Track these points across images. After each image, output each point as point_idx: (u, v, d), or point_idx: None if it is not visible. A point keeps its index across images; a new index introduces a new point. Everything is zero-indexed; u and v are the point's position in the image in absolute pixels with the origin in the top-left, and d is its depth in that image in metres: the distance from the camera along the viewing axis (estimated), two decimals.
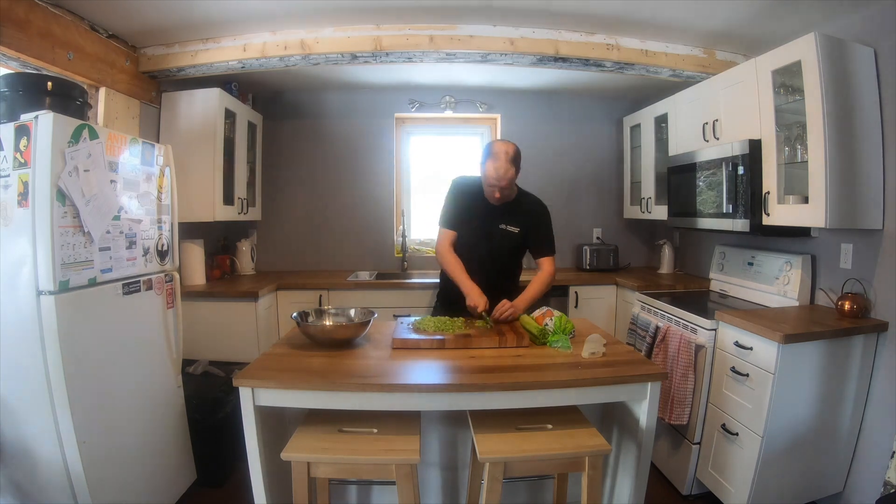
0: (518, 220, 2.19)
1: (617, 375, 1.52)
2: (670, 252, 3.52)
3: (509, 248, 2.22)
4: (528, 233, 2.21)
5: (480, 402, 1.49)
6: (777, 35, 2.40)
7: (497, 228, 2.18)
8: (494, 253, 2.21)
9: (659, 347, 2.41)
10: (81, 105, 1.93)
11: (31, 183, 1.55)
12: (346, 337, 1.80)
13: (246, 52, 2.66)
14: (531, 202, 2.25)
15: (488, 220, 2.19)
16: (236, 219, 3.22)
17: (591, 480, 1.42)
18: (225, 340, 2.81)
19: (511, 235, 2.19)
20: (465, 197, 2.23)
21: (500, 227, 2.18)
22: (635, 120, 3.59)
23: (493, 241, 2.19)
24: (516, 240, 2.21)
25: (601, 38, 2.67)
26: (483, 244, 2.20)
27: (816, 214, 1.98)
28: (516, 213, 2.19)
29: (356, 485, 1.89)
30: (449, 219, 2.25)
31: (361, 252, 3.76)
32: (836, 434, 2.04)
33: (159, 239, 2.11)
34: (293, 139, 3.74)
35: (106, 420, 1.77)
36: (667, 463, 2.43)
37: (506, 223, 2.18)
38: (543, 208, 2.26)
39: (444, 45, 2.59)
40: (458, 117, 3.84)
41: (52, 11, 2.09)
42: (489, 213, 2.18)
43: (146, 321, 2.03)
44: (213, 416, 2.27)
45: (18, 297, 1.57)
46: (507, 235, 2.19)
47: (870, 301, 2.06)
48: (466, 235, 2.23)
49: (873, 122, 2.02)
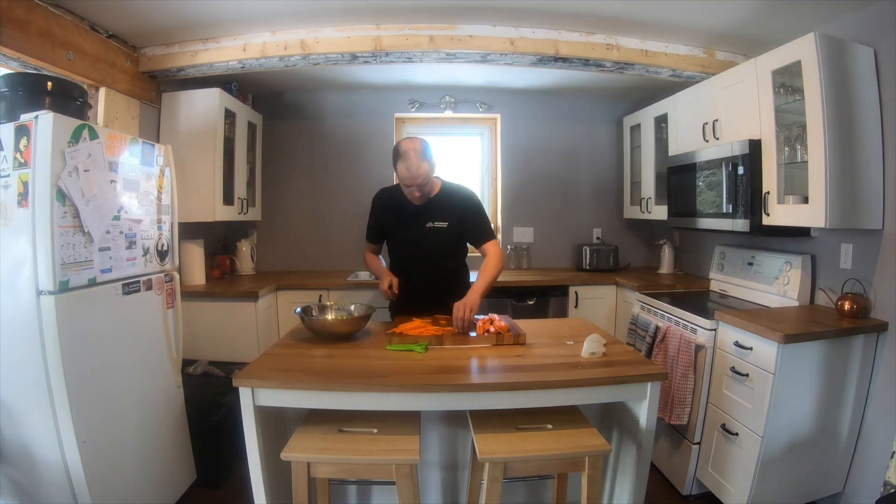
0: (444, 213, 2.13)
1: (617, 375, 1.52)
2: (670, 252, 3.52)
3: (443, 243, 2.16)
4: (459, 224, 2.14)
5: (480, 402, 1.49)
6: (777, 35, 2.40)
7: (425, 228, 2.13)
8: (431, 253, 2.15)
9: (659, 347, 2.40)
10: (81, 105, 1.93)
11: (31, 183, 1.54)
12: (348, 331, 1.86)
13: (246, 52, 2.66)
14: (454, 193, 2.18)
15: (416, 222, 2.14)
16: (236, 219, 3.22)
17: (591, 480, 1.42)
18: (225, 340, 2.81)
19: (441, 231, 2.13)
20: (387, 206, 2.22)
21: (428, 226, 2.13)
22: (635, 120, 3.59)
23: (425, 242, 2.14)
24: (448, 234, 2.14)
25: (601, 38, 2.67)
26: (417, 246, 2.16)
27: (816, 214, 1.98)
28: (441, 208, 2.13)
29: (356, 485, 1.90)
30: (371, 231, 2.29)
31: (361, 252, 3.74)
32: (836, 434, 2.03)
33: (159, 239, 2.11)
34: (293, 139, 3.74)
35: (106, 420, 1.77)
36: (667, 463, 2.42)
37: (432, 220, 2.13)
38: (469, 195, 2.20)
39: (444, 45, 2.59)
40: (458, 117, 3.84)
41: (52, 11, 2.09)
42: (415, 214, 2.13)
43: (146, 321, 2.02)
44: (212, 416, 2.27)
45: (18, 297, 1.57)
46: (437, 232, 2.13)
47: (870, 301, 2.06)
48: (401, 242, 2.23)
49: (873, 122, 2.02)
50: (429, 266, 2.17)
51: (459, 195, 2.18)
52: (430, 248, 2.15)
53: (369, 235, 2.31)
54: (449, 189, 2.19)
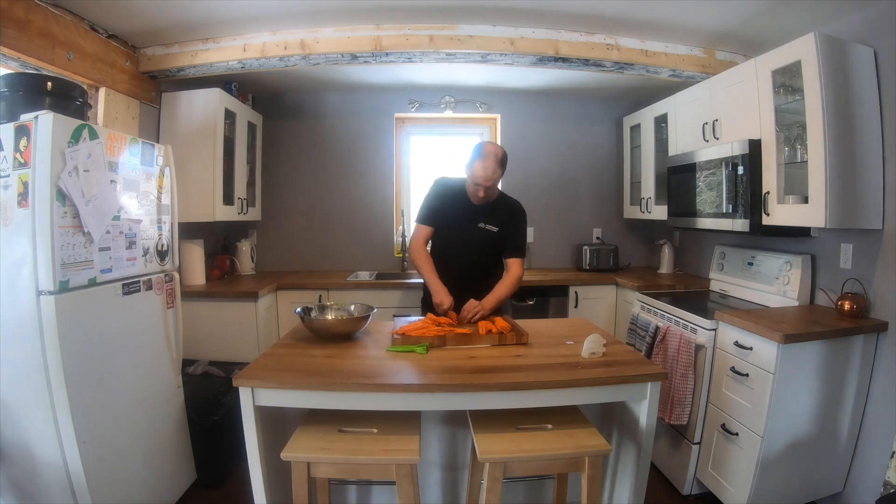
0: (497, 220, 2.25)
1: (617, 375, 1.52)
2: (670, 252, 3.52)
3: (488, 246, 2.27)
4: (505, 233, 2.26)
5: (480, 402, 1.49)
6: (777, 35, 2.40)
7: (476, 227, 2.24)
8: (473, 251, 2.26)
9: (659, 347, 2.41)
10: (81, 105, 1.92)
11: (31, 183, 1.54)
12: (348, 331, 1.87)
13: (246, 53, 2.66)
14: (512, 204, 2.33)
15: (469, 220, 2.24)
16: (236, 219, 3.22)
17: (591, 480, 1.42)
18: (225, 340, 2.81)
19: (490, 234, 2.24)
20: (447, 196, 2.28)
21: (480, 226, 2.24)
22: (635, 120, 3.59)
23: (472, 240, 2.25)
24: (494, 239, 2.25)
25: (601, 38, 2.67)
26: (462, 242, 2.26)
27: (816, 214, 1.98)
28: (496, 214, 2.25)
29: (356, 485, 1.89)
30: (427, 215, 2.30)
31: (361, 252, 3.75)
32: (836, 434, 2.04)
33: (159, 239, 2.11)
34: (293, 139, 3.73)
35: (106, 420, 1.77)
36: (667, 463, 2.43)
37: (485, 222, 2.24)
38: (522, 212, 2.34)
39: (444, 45, 2.59)
40: (458, 117, 3.84)
41: (51, 11, 2.09)
42: (470, 212, 2.24)
43: (146, 321, 2.02)
44: (212, 416, 2.27)
45: (18, 297, 1.57)
46: (485, 234, 2.24)
47: (869, 301, 2.06)
48: (447, 233, 2.29)
49: (873, 123, 2.02)
50: (468, 263, 2.26)
51: (513, 207, 2.32)
52: (475, 247, 2.25)
53: (425, 218, 2.31)
54: (506, 199, 2.33)
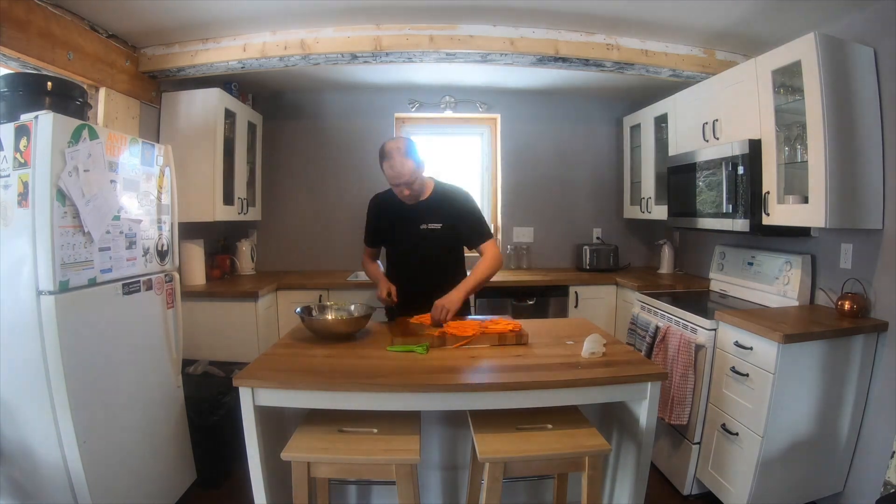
0: (439, 216, 2.13)
1: (617, 375, 1.52)
2: (670, 252, 3.52)
3: (439, 245, 2.15)
4: (454, 226, 2.14)
5: (480, 402, 1.49)
6: (777, 35, 2.40)
7: (419, 229, 2.13)
8: (425, 253, 2.15)
9: (659, 347, 2.40)
10: (81, 105, 1.92)
11: (31, 183, 1.54)
12: (348, 331, 1.87)
13: (246, 52, 2.66)
14: (449, 193, 2.17)
15: (410, 224, 2.14)
16: (236, 219, 3.22)
17: (591, 480, 1.42)
18: (225, 340, 2.81)
19: (436, 232, 2.13)
20: (382, 210, 2.24)
21: (423, 228, 2.12)
22: (635, 120, 3.59)
23: (420, 243, 2.14)
24: (443, 235, 2.14)
25: (601, 38, 2.67)
26: (413, 249, 2.16)
27: (816, 214, 1.98)
28: (436, 210, 2.13)
29: (356, 485, 1.89)
30: (367, 236, 2.32)
31: (361, 252, 3.74)
32: (836, 434, 2.04)
33: (159, 239, 2.11)
34: (293, 139, 3.73)
35: (106, 420, 1.77)
36: (667, 463, 2.42)
37: (427, 222, 2.13)
38: (462, 196, 2.18)
39: (444, 45, 2.58)
40: (458, 117, 3.83)
41: (52, 11, 2.09)
42: (410, 217, 2.14)
43: (146, 321, 2.02)
44: (212, 416, 2.27)
45: (18, 298, 1.57)
46: (431, 233, 2.13)
47: (869, 301, 2.06)
48: (397, 244, 2.24)
49: (873, 122, 2.02)
50: (425, 268, 2.16)
51: (452, 196, 2.17)
52: (425, 250, 2.15)
53: (367, 240, 2.34)
54: (442, 190, 2.19)
